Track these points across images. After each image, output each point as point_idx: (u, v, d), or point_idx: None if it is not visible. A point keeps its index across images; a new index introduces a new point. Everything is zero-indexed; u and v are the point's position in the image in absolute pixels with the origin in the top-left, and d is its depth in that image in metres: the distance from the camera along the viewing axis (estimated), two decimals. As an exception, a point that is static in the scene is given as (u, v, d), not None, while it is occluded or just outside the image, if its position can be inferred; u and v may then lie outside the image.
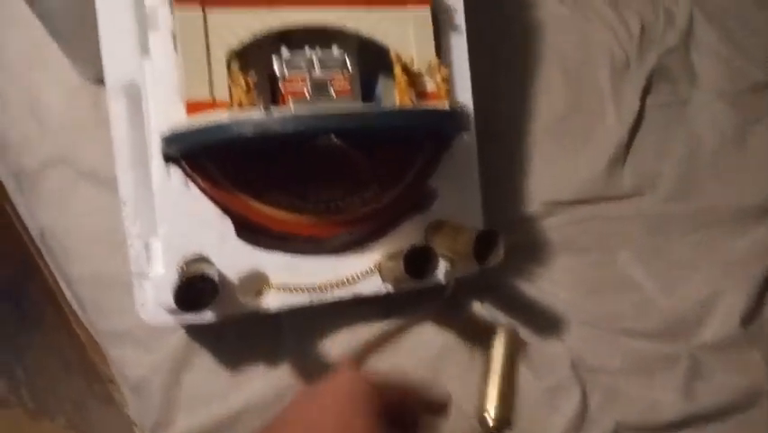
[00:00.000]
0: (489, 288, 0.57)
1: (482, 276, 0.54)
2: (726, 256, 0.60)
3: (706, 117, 0.68)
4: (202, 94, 0.41)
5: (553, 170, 0.63)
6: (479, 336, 0.54)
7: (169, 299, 0.41)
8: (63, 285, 0.75)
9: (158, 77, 0.43)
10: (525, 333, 0.55)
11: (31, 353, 1.03)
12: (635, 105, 0.66)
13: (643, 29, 0.72)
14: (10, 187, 0.78)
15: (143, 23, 0.43)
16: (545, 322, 0.56)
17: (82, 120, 0.62)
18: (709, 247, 0.61)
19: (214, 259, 0.44)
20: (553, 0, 0.72)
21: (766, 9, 0.76)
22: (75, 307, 0.75)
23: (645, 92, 0.68)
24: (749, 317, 0.57)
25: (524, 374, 0.54)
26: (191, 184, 0.44)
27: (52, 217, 0.63)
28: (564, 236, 0.60)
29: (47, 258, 0.74)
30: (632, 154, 0.65)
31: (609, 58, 0.69)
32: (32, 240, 0.99)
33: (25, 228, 1.00)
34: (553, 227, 0.60)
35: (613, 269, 0.59)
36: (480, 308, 0.56)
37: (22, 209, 0.77)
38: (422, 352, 0.54)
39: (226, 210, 0.45)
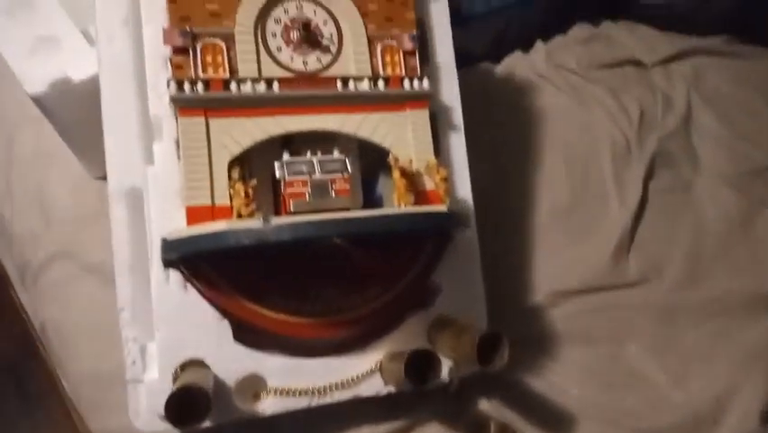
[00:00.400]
0: (496, 383, 0.55)
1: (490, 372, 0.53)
2: (740, 347, 0.58)
3: (710, 202, 0.69)
4: (203, 200, 0.42)
5: (559, 260, 0.63)
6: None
7: (162, 405, 0.40)
8: (62, 377, 0.74)
9: (160, 183, 0.44)
10: (533, 431, 0.53)
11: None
12: (638, 190, 0.67)
13: (642, 114, 0.74)
14: (14, 279, 0.79)
15: (148, 131, 0.44)
16: (556, 419, 0.54)
17: (87, 215, 0.65)
18: (722, 338, 0.59)
19: (210, 362, 0.44)
20: (552, 89, 0.75)
21: (762, 93, 0.77)
22: (72, 400, 0.74)
23: (648, 177, 0.69)
24: (770, 413, 0.55)
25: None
26: (189, 287, 0.44)
27: (53, 312, 0.64)
28: (572, 327, 0.59)
29: (46, 352, 0.74)
30: (637, 241, 0.65)
31: (610, 144, 0.71)
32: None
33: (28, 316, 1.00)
34: (561, 318, 0.59)
35: (624, 361, 0.58)
36: (488, 405, 0.54)
37: (24, 300, 0.78)
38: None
39: (224, 313, 0.45)
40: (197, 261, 0.43)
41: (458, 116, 0.52)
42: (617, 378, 0.56)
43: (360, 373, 0.47)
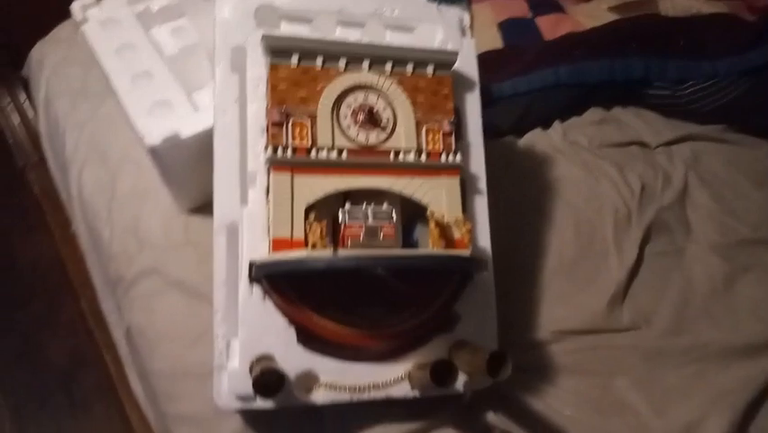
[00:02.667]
0: (503, 400, 0.66)
1: (497, 390, 0.64)
2: (714, 387, 0.68)
3: (699, 265, 0.79)
4: (284, 234, 0.55)
5: (562, 304, 0.74)
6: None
7: (241, 388, 0.53)
8: (134, 377, 0.86)
9: (252, 219, 0.57)
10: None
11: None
12: (635, 251, 0.78)
13: (643, 188, 0.85)
14: (101, 289, 0.92)
15: (245, 182, 0.58)
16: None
17: (173, 241, 0.76)
18: (699, 379, 0.69)
19: (277, 358, 0.56)
20: (565, 162, 0.87)
21: (751, 177, 0.88)
22: (140, 397, 0.85)
23: (645, 241, 0.80)
24: (731, 441, 0.65)
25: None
26: (267, 299, 0.57)
27: (140, 318, 0.75)
28: (570, 360, 0.69)
29: (124, 352, 0.86)
30: (631, 294, 0.75)
31: (613, 211, 0.82)
32: (102, 336, 1.12)
33: (99, 326, 1.13)
34: (560, 352, 0.70)
35: (612, 392, 0.68)
36: (494, 417, 0.65)
37: (108, 309, 0.91)
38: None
39: (292, 321, 0.57)
40: (275, 278, 0.56)
41: (482, 183, 0.65)
42: (605, 405, 0.67)
43: (392, 378, 0.58)
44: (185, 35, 0.80)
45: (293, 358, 0.57)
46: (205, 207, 0.72)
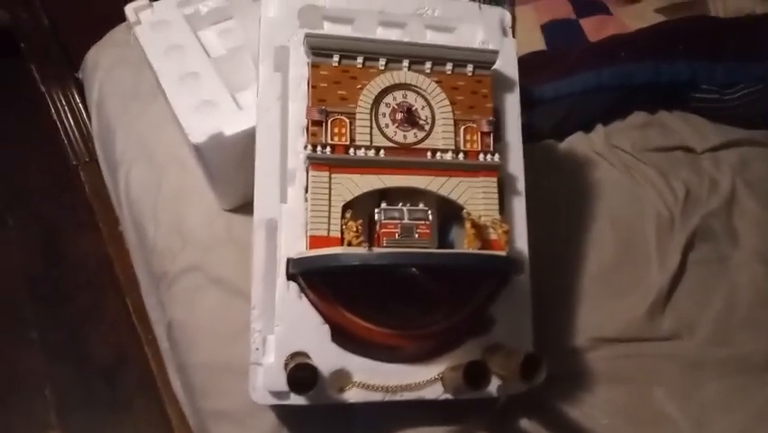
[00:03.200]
0: (537, 407, 0.65)
1: (532, 396, 0.63)
2: (757, 401, 0.66)
3: (744, 274, 0.76)
4: (321, 231, 0.56)
5: (600, 311, 0.72)
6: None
7: (276, 384, 0.54)
8: (173, 372, 0.88)
9: (290, 217, 0.58)
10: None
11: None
12: (677, 258, 0.76)
13: (688, 193, 0.82)
14: (145, 286, 0.95)
15: (284, 179, 0.59)
16: (585, 442, 0.64)
17: (217, 239, 0.78)
18: (742, 392, 0.67)
19: (312, 356, 0.57)
20: (607, 165, 0.85)
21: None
22: (178, 392, 0.87)
23: (688, 249, 0.77)
24: (778, 460, 0.62)
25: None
26: (303, 297, 0.58)
27: (181, 313, 0.77)
28: (607, 368, 0.68)
29: (165, 347, 0.88)
30: (672, 302, 0.73)
31: (656, 216, 0.80)
32: (145, 333, 1.15)
33: (141, 322, 1.16)
34: (597, 360, 0.69)
35: (650, 402, 0.66)
36: (527, 424, 0.64)
37: (151, 305, 0.93)
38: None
39: (326, 319, 0.58)
40: (312, 276, 0.57)
41: (521, 184, 0.64)
42: (642, 415, 0.65)
43: (425, 379, 0.58)
44: (231, 37, 0.82)
45: (327, 356, 0.57)
46: (247, 207, 0.72)
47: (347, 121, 0.58)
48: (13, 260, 1.36)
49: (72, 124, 1.42)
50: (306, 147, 0.58)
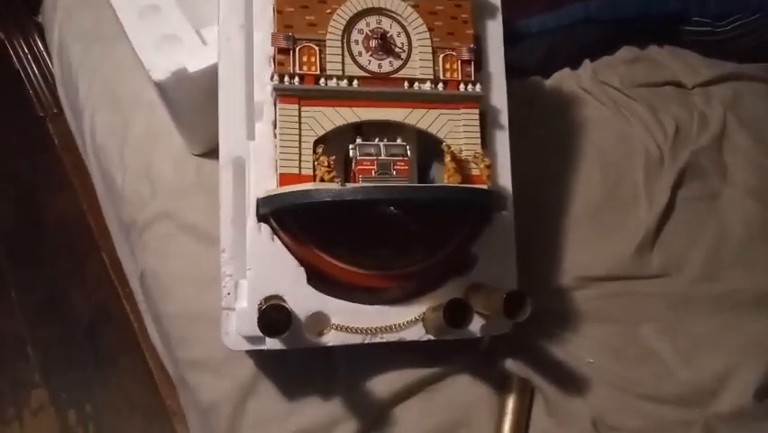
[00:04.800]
0: (522, 348, 0.64)
1: (517, 336, 0.62)
2: (745, 336, 0.65)
3: (734, 211, 0.74)
4: (292, 169, 0.53)
5: (587, 250, 0.70)
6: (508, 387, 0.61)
7: (250, 328, 0.52)
8: (150, 323, 0.86)
9: (259, 154, 0.55)
10: (551, 390, 0.62)
11: (101, 391, 1.15)
12: (666, 195, 0.73)
13: (677, 129, 0.80)
14: (117, 236, 0.92)
15: (251, 114, 0.56)
16: (571, 382, 0.62)
17: (186, 185, 0.75)
18: (731, 328, 0.65)
19: (287, 299, 0.54)
20: (596, 102, 0.82)
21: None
22: (156, 343, 0.86)
23: (677, 186, 0.75)
24: (764, 393, 0.61)
25: (547, 429, 0.60)
26: (276, 239, 0.55)
27: (153, 262, 0.74)
28: (593, 307, 0.67)
29: (140, 298, 0.86)
30: (661, 240, 0.71)
31: (644, 153, 0.77)
32: (123, 287, 1.13)
33: (118, 277, 1.14)
34: (584, 299, 0.67)
35: (637, 340, 0.65)
36: (512, 364, 0.63)
37: (124, 255, 0.91)
38: (456, 398, 0.61)
39: (301, 261, 0.55)
40: (284, 216, 0.54)
41: (504, 117, 0.61)
42: (629, 352, 0.64)
43: (405, 320, 0.56)
44: (196, -33, 0.76)
45: (303, 299, 0.55)
46: (218, 151, 0.70)
47: (317, 49, 0.54)
48: (-12, 221, 1.32)
49: (36, 72, 1.36)
50: (272, 78, 0.54)
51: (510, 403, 0.60)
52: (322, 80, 0.54)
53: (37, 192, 1.36)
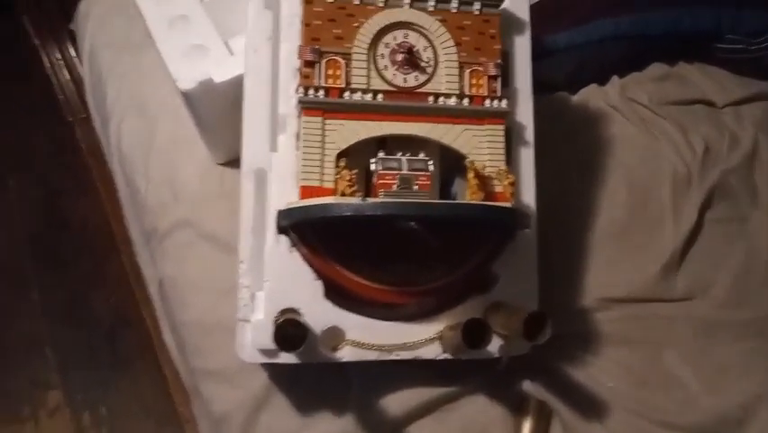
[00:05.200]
0: (541, 370, 0.63)
1: (536, 358, 0.60)
2: (773, 365, 0.63)
3: (763, 234, 0.72)
4: (313, 182, 0.52)
5: (611, 270, 0.69)
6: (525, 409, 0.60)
7: (265, 341, 0.51)
8: (166, 330, 0.86)
9: (281, 166, 0.55)
10: (569, 414, 0.60)
11: (116, 394, 1.15)
12: (694, 217, 0.72)
13: (707, 149, 0.78)
14: (138, 242, 0.92)
15: (275, 126, 0.56)
16: (590, 406, 0.61)
17: (208, 193, 0.75)
18: (758, 355, 0.63)
19: (303, 313, 0.54)
20: (622, 119, 0.81)
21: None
22: (172, 350, 0.86)
23: (705, 207, 0.74)
24: (793, 424, 0.59)
25: (565, 454, 0.59)
26: (294, 251, 0.55)
27: (172, 270, 0.74)
28: (615, 330, 0.65)
29: (158, 305, 0.86)
30: (687, 262, 0.70)
31: (672, 173, 0.76)
32: (141, 293, 1.13)
33: (137, 282, 1.15)
34: (606, 321, 0.66)
35: (660, 365, 0.63)
36: (530, 386, 0.61)
37: (144, 262, 0.91)
38: (471, 419, 0.60)
39: (319, 274, 0.55)
40: (303, 229, 0.54)
41: (530, 134, 0.60)
42: (651, 378, 0.62)
43: (423, 338, 0.55)
44: (226, -22, 0.77)
45: (320, 313, 0.54)
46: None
47: (342, 62, 0.54)
48: (14, 221, 1.35)
49: (68, 78, 1.38)
50: (297, 90, 0.54)
51: (527, 426, 0.59)
52: (347, 93, 0.54)
53: (62, 195, 1.38)
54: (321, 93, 0.53)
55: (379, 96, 0.54)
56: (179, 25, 0.70)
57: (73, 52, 1.36)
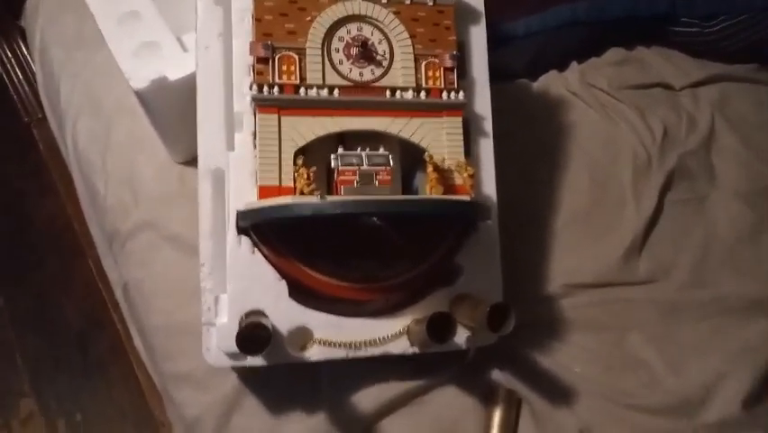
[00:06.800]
0: (509, 358, 0.63)
1: (504, 347, 0.61)
2: (734, 343, 0.64)
3: (722, 214, 0.74)
4: (272, 181, 0.52)
5: (574, 256, 0.69)
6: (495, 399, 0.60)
7: (231, 345, 0.50)
8: (135, 334, 0.85)
9: (239, 166, 0.54)
10: (538, 401, 0.61)
11: (91, 400, 1.13)
12: (654, 200, 0.73)
13: (666, 132, 0.79)
14: (101, 245, 0.90)
15: (230, 124, 0.54)
16: (558, 392, 0.62)
17: (169, 193, 0.74)
18: (719, 334, 0.65)
19: (269, 314, 0.53)
20: (582, 105, 0.82)
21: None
22: (142, 354, 0.84)
23: (665, 189, 0.75)
24: (752, 401, 0.60)
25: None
26: (256, 252, 0.54)
27: (136, 273, 0.73)
28: (580, 315, 0.66)
29: (124, 309, 0.85)
30: (649, 245, 0.71)
31: (632, 157, 0.77)
32: (110, 295, 1.11)
33: (105, 285, 1.13)
34: (570, 307, 0.66)
35: (625, 348, 0.64)
36: (499, 375, 0.62)
37: (108, 265, 0.89)
38: (443, 411, 0.60)
39: (283, 274, 0.54)
40: (264, 229, 0.53)
41: (488, 124, 0.60)
42: (617, 362, 0.63)
43: (390, 333, 0.55)
44: (176, -27, 0.75)
45: (285, 313, 0.54)
46: (198, 159, 0.69)
47: (296, 57, 0.53)
48: (-26, 227, 1.31)
49: (21, 77, 1.34)
50: (251, 87, 0.53)
51: (497, 415, 0.59)
52: (302, 90, 0.53)
53: (24, 198, 1.34)
54: (275, 90, 0.52)
55: (336, 92, 0.53)
56: (130, 22, 0.68)
57: (25, 51, 1.32)
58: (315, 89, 0.53)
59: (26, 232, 1.31)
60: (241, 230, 0.54)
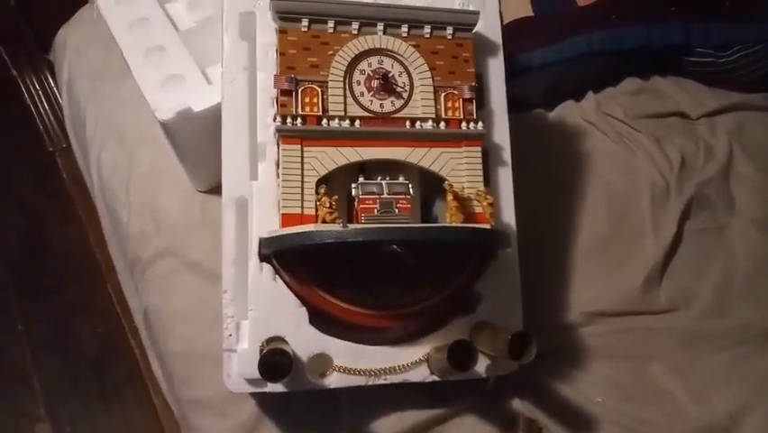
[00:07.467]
0: (529, 387, 0.63)
1: (524, 375, 0.61)
2: (758, 372, 0.63)
3: (742, 243, 0.73)
4: (294, 209, 0.53)
5: (593, 285, 0.69)
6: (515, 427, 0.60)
7: (251, 371, 0.51)
8: (154, 360, 0.86)
9: (262, 195, 0.55)
10: (560, 430, 0.60)
11: (106, 425, 1.13)
12: (673, 228, 0.73)
13: (683, 161, 0.79)
14: (122, 272, 0.92)
15: (254, 155, 0.56)
16: (579, 422, 0.61)
17: (190, 222, 0.75)
18: (742, 363, 0.64)
19: (289, 340, 0.54)
20: (599, 134, 0.82)
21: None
22: (160, 380, 0.85)
23: (684, 218, 0.75)
24: (779, 431, 0.60)
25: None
26: (278, 279, 0.55)
27: (156, 299, 0.74)
28: (601, 344, 0.65)
29: (144, 335, 0.86)
30: (669, 274, 0.70)
31: (650, 185, 0.77)
32: (128, 321, 1.12)
33: (124, 311, 1.14)
34: (591, 336, 0.66)
35: (647, 378, 0.64)
36: (519, 404, 0.61)
37: (128, 292, 0.90)
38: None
39: (303, 301, 0.55)
40: (286, 256, 0.54)
41: (507, 154, 0.61)
42: (639, 391, 0.62)
43: (409, 361, 0.55)
44: (201, 9, 0.77)
45: (305, 340, 0.54)
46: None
47: (319, 90, 0.54)
48: (-4, 251, 1.33)
49: (47, 108, 1.38)
50: (275, 119, 0.54)
51: (517, 444, 0.59)
52: (324, 121, 0.54)
53: (45, 224, 1.37)
54: (299, 121, 0.54)
55: (357, 123, 0.55)
56: (156, 55, 0.70)
57: (52, 83, 1.35)
58: (336, 120, 0.54)
59: (46, 257, 1.33)
60: (263, 257, 0.55)
